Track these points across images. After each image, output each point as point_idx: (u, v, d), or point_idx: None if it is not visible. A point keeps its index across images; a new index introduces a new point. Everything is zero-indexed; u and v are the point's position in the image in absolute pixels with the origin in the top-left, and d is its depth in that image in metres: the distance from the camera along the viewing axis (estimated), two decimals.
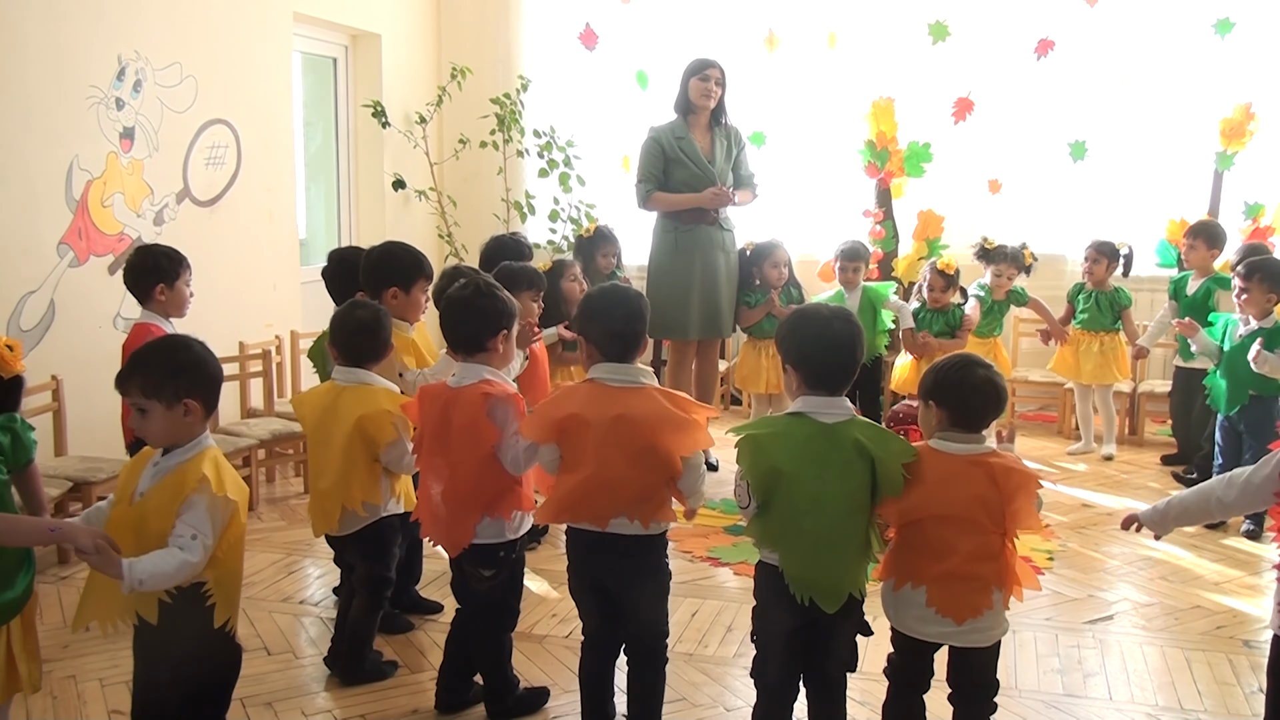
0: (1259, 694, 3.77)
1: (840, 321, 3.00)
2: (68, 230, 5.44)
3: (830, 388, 2.95)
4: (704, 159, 6.29)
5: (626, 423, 3.07)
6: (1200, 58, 7.53)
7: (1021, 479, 2.90)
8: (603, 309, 3.24)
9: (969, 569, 2.91)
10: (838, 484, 2.88)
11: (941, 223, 7.80)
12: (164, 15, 5.98)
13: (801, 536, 2.90)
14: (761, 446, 2.90)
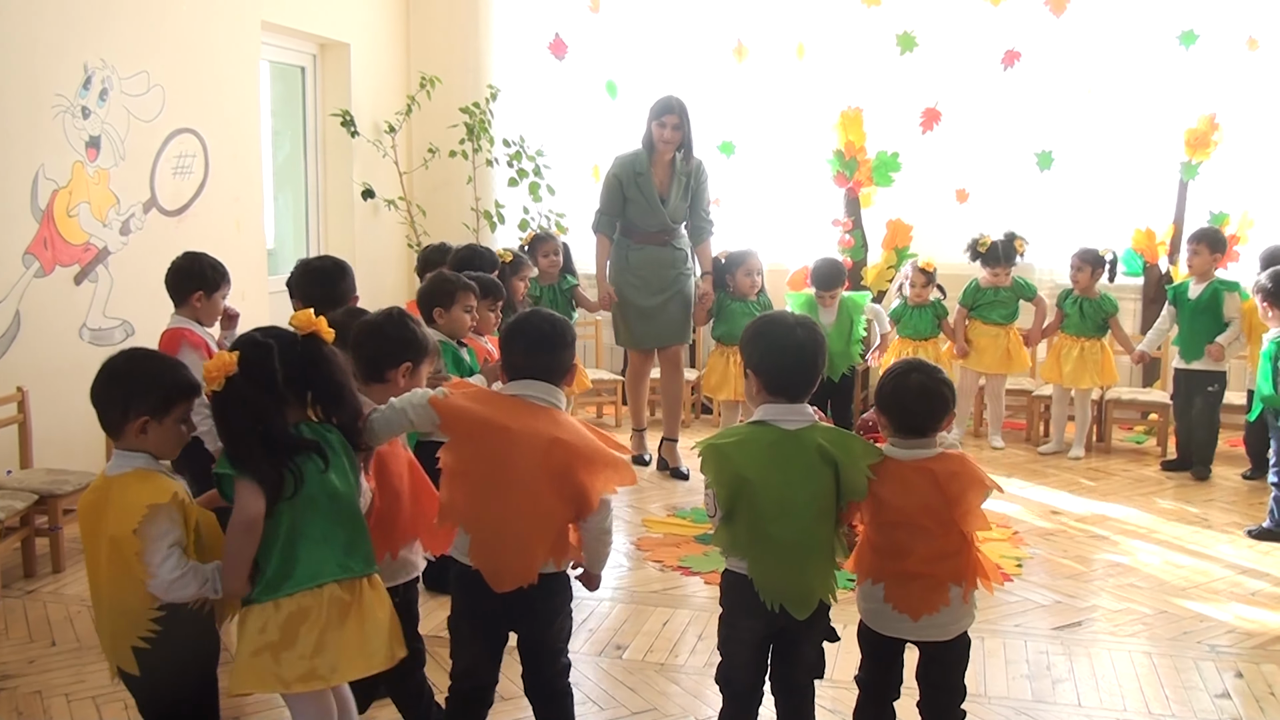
0: (1225, 698, 3.80)
1: (803, 329, 3.01)
2: (33, 240, 5.40)
3: (792, 395, 2.96)
4: (657, 198, 6.42)
5: (562, 448, 2.90)
6: (1165, 69, 7.61)
7: (967, 482, 2.93)
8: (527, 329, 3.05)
9: (924, 569, 2.95)
10: (802, 490, 2.89)
11: (910, 232, 7.85)
12: (131, 23, 5.94)
13: (769, 544, 2.90)
14: (726, 455, 2.90)
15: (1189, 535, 5.56)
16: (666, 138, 6.31)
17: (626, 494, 6.15)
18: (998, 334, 7.06)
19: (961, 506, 2.91)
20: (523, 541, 2.91)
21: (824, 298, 6.59)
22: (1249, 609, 4.61)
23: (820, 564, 2.96)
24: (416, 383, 3.30)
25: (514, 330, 3.09)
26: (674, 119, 6.30)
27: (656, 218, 6.45)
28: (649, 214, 6.45)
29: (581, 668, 4.00)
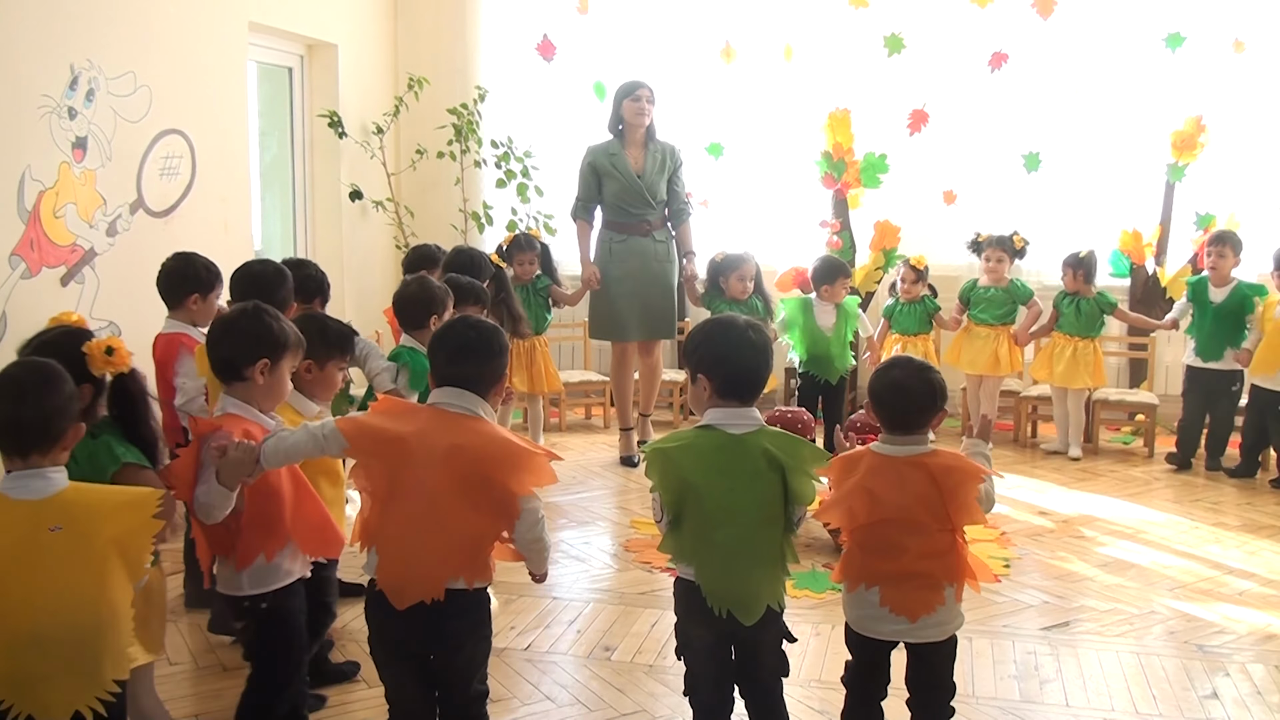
0: (1213, 698, 3.82)
1: (755, 331, 2.99)
2: (19, 241, 5.37)
3: (743, 397, 2.93)
4: (633, 173, 6.64)
5: (461, 453, 2.81)
6: (1152, 71, 7.63)
7: (961, 475, 2.94)
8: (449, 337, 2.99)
9: (919, 567, 2.96)
10: (748, 495, 2.86)
11: (898, 233, 7.85)
12: (118, 24, 5.92)
13: (715, 549, 2.87)
14: (670, 459, 2.88)
15: (1176, 535, 5.58)
16: (641, 109, 6.58)
17: (614, 496, 6.15)
18: (989, 335, 7.08)
19: (958, 499, 2.92)
20: (424, 555, 2.81)
21: (827, 292, 6.60)
22: (1236, 609, 4.62)
23: (767, 570, 2.92)
24: (279, 380, 3.18)
25: (438, 337, 3.02)
26: (646, 92, 6.61)
27: (635, 191, 6.64)
28: (628, 191, 6.65)
29: (570, 669, 4.00)
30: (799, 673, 3.94)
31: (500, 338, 3.01)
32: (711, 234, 8.10)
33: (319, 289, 4.75)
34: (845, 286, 6.68)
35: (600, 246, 6.81)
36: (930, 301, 7.27)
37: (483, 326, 3.02)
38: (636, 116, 6.60)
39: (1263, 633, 4.38)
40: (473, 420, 2.87)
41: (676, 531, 2.93)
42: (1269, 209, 7.47)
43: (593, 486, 6.33)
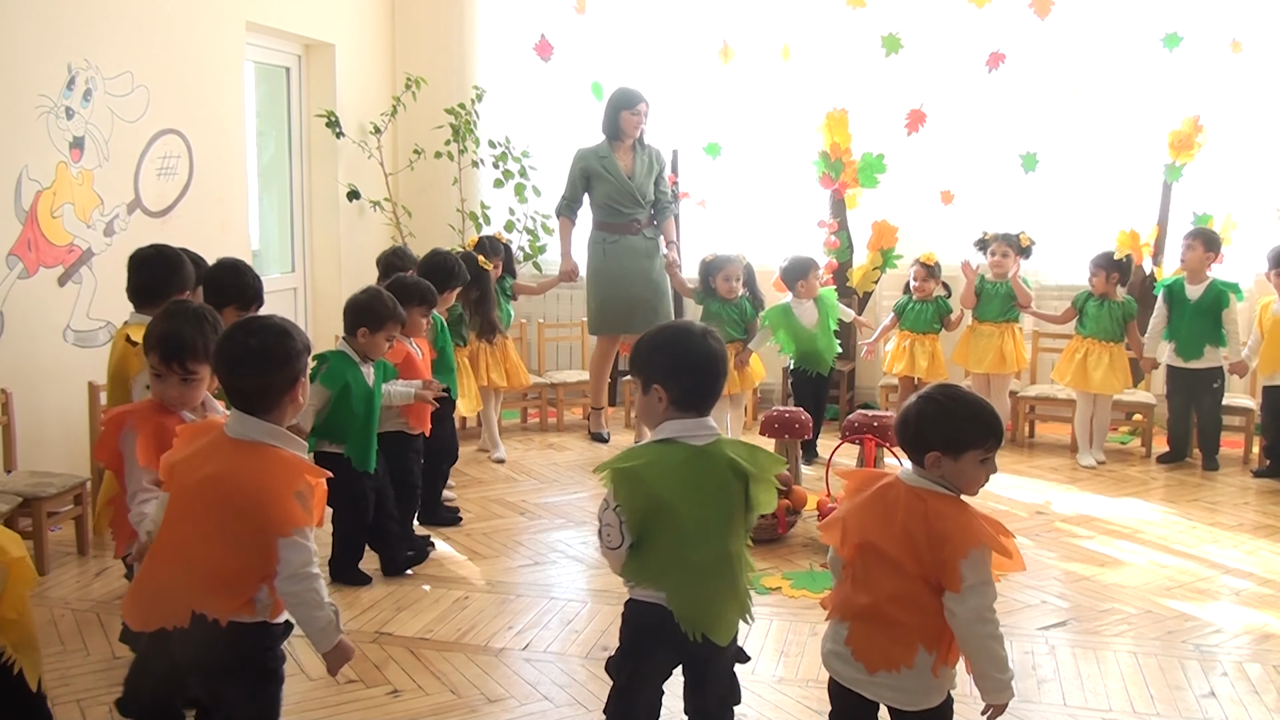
0: (1210, 697, 3.82)
1: (712, 338, 2.86)
2: (17, 241, 5.37)
3: (701, 408, 2.83)
4: (624, 175, 7.06)
5: (212, 485, 2.66)
6: (1149, 71, 7.63)
7: (953, 529, 2.62)
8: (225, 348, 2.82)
9: (890, 611, 2.67)
10: (717, 508, 2.79)
11: (895, 233, 7.86)
12: (115, 24, 5.92)
13: (689, 569, 2.77)
14: (640, 478, 2.73)
15: (1174, 535, 5.58)
16: (639, 122, 7.02)
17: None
18: (994, 333, 7.08)
19: (940, 553, 2.60)
20: (163, 582, 2.72)
21: (803, 288, 6.78)
22: (1234, 608, 4.63)
23: (739, 583, 2.85)
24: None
25: (217, 347, 2.84)
26: (644, 106, 7.03)
27: (626, 193, 7.05)
28: (619, 191, 7.06)
29: (567, 669, 4.00)
30: (798, 672, 3.95)
31: (288, 341, 2.78)
32: (711, 234, 8.12)
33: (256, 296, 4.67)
34: (818, 278, 6.90)
35: (594, 246, 7.18)
36: (944, 302, 7.26)
37: (266, 332, 2.78)
38: (633, 128, 7.03)
39: (1260, 632, 4.39)
40: (246, 448, 2.71)
41: (643, 554, 2.79)
42: (1266, 209, 7.47)
43: (590, 486, 6.32)
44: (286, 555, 2.66)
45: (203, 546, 2.67)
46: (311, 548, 2.71)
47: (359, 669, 3.98)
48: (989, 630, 2.63)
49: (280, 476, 2.69)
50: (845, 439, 5.73)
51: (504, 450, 7.01)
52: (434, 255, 5.82)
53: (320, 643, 2.76)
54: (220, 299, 4.38)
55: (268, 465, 2.70)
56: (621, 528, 2.76)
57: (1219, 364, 6.66)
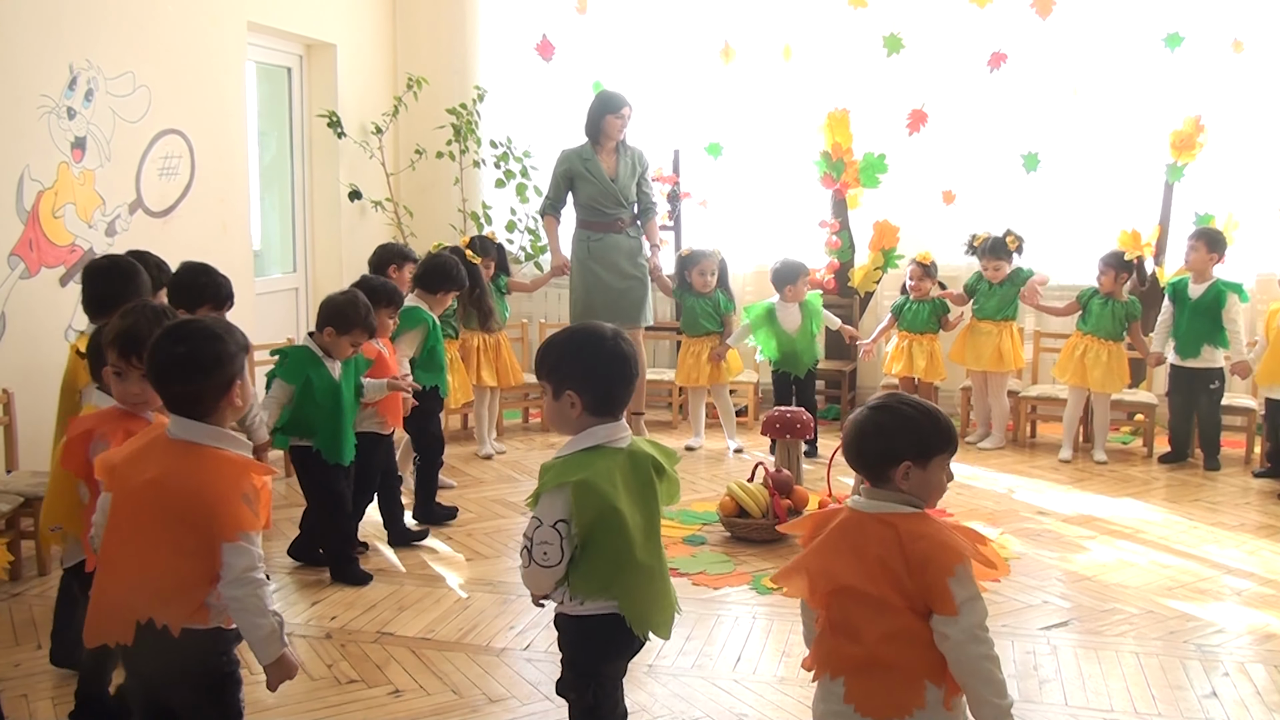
0: (1212, 697, 3.82)
1: (622, 340, 2.81)
2: (18, 241, 5.37)
3: (615, 412, 2.78)
4: (607, 177, 7.17)
5: (155, 488, 2.61)
6: (1151, 71, 7.63)
7: (931, 549, 2.42)
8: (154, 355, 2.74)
9: (885, 654, 2.44)
10: (654, 509, 2.81)
11: (897, 233, 7.87)
12: (117, 24, 5.92)
13: (638, 572, 2.76)
14: (595, 488, 2.67)
15: (1175, 535, 5.58)
16: (622, 126, 7.14)
17: None
18: (993, 331, 7.08)
19: (924, 577, 2.40)
20: (109, 593, 2.67)
21: (790, 292, 6.93)
22: (1236, 608, 4.62)
23: (669, 579, 2.92)
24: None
25: (147, 359, 2.76)
26: (628, 110, 7.14)
27: (609, 195, 7.17)
28: (603, 193, 7.17)
29: None
30: (798, 673, 3.94)
31: (219, 346, 2.71)
32: (711, 234, 8.12)
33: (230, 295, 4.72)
34: (806, 284, 7.03)
35: (579, 245, 7.30)
36: (940, 302, 7.30)
37: (195, 338, 2.71)
38: (617, 132, 7.15)
39: (1262, 632, 4.38)
40: (189, 450, 2.66)
41: (589, 565, 2.73)
42: (1268, 209, 7.47)
43: None
44: (230, 559, 2.61)
45: (151, 554, 2.62)
46: (257, 552, 2.66)
47: (361, 669, 3.99)
48: (984, 650, 2.42)
49: (226, 478, 2.64)
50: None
51: (490, 447, 7.07)
52: (435, 258, 5.86)
53: (262, 654, 2.69)
54: (195, 300, 4.41)
55: (212, 467, 2.65)
56: (563, 543, 2.69)
57: (1217, 365, 6.66)
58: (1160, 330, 6.88)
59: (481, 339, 6.89)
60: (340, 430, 4.78)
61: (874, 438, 2.52)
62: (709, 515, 5.67)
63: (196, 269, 4.68)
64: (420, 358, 5.59)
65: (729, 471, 6.58)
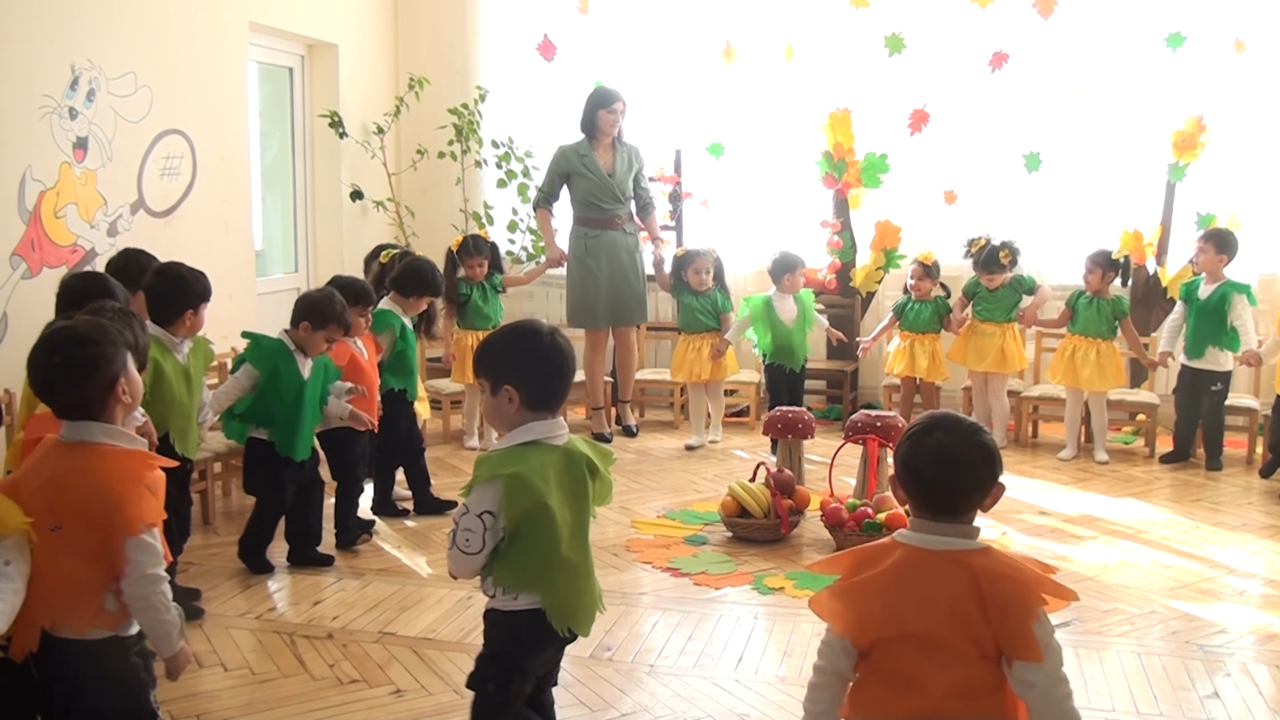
0: (1214, 698, 3.81)
1: (559, 336, 2.83)
2: (20, 241, 5.38)
3: (552, 407, 2.81)
4: (604, 173, 7.23)
5: (53, 488, 2.57)
6: (1152, 70, 7.62)
7: (1014, 590, 2.24)
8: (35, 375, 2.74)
9: (954, 709, 2.24)
10: (580, 506, 2.83)
11: (899, 233, 7.87)
12: (118, 24, 5.92)
13: (565, 568, 2.78)
14: (527, 483, 2.68)
15: (1178, 535, 5.57)
16: (615, 120, 7.19)
17: (615, 495, 6.13)
18: (995, 333, 7.08)
19: (1008, 622, 2.20)
20: (26, 602, 2.57)
21: (788, 282, 7.07)
22: (1238, 609, 4.62)
23: (595, 577, 2.94)
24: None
25: (27, 374, 2.73)
26: (621, 105, 7.21)
27: (607, 190, 7.22)
28: (599, 188, 7.23)
29: (571, 669, 4.00)
30: (800, 673, 3.94)
31: (93, 349, 2.68)
32: (713, 234, 8.12)
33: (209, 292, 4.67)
34: (802, 275, 7.17)
35: (576, 242, 7.35)
36: (942, 302, 7.33)
37: (68, 345, 2.68)
38: (610, 127, 7.21)
39: (1264, 632, 4.38)
40: (82, 450, 2.63)
41: (511, 559, 2.75)
42: (1270, 209, 7.47)
43: None
44: (135, 556, 2.60)
45: (50, 560, 2.58)
46: (159, 547, 2.66)
47: (363, 669, 3.99)
48: (1067, 691, 2.24)
49: (125, 471, 2.64)
50: (849, 439, 5.74)
51: (478, 440, 7.17)
52: (413, 261, 5.96)
53: (163, 648, 2.73)
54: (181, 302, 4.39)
55: (108, 462, 2.63)
56: (485, 534, 2.69)
57: (1223, 369, 6.65)
58: (1169, 330, 6.88)
59: (475, 337, 6.94)
60: (298, 426, 4.86)
61: (977, 468, 2.33)
62: (711, 515, 5.67)
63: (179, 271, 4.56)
64: (389, 361, 5.65)
65: (731, 471, 6.58)
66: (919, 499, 2.35)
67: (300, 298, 4.93)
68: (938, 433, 2.34)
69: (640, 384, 7.90)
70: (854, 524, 5.16)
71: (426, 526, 5.63)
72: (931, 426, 2.36)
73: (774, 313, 7.04)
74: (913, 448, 2.35)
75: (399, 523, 5.68)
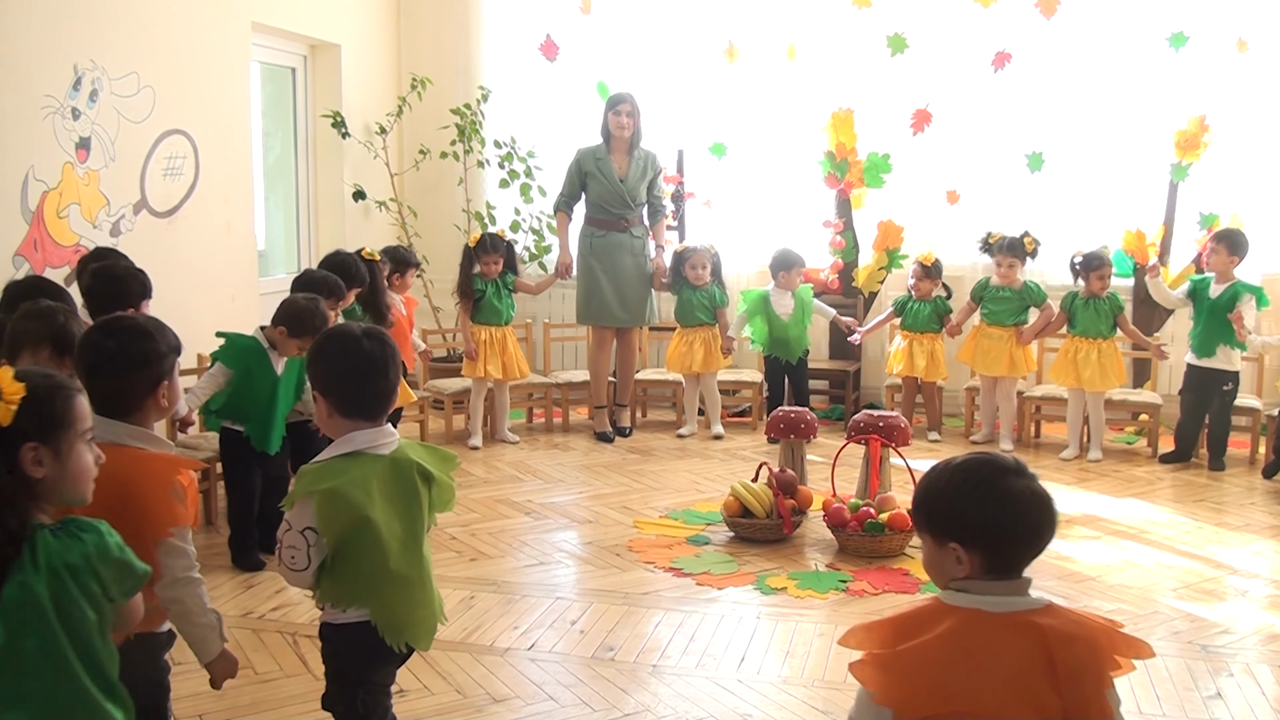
0: (1217, 699, 3.81)
1: (371, 340, 2.71)
2: (23, 242, 5.38)
3: (369, 415, 2.69)
4: (617, 177, 7.31)
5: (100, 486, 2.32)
6: (1155, 70, 7.62)
7: (1087, 654, 2.00)
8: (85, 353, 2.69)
9: None
10: (416, 517, 2.73)
11: (901, 233, 7.87)
12: (121, 25, 5.93)
13: (394, 581, 2.68)
14: (344, 497, 2.59)
15: (1180, 535, 5.57)
16: (622, 123, 7.24)
17: (616, 496, 6.15)
18: (1003, 336, 7.07)
19: (1082, 690, 1.97)
20: None
21: (784, 279, 7.37)
22: (1241, 609, 4.62)
23: (433, 590, 2.83)
24: None
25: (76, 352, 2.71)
26: (627, 107, 7.26)
27: (617, 195, 7.31)
28: (610, 192, 7.31)
29: (574, 669, 4.00)
30: (802, 673, 3.94)
31: (149, 344, 2.68)
32: (715, 234, 8.12)
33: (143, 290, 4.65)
34: (800, 274, 7.43)
35: (583, 241, 7.45)
36: (942, 302, 7.36)
37: (126, 333, 2.67)
38: (619, 129, 7.27)
39: (1267, 633, 4.38)
40: (112, 451, 2.46)
41: (341, 572, 2.66)
42: (1273, 208, 7.46)
43: (596, 486, 6.33)
44: (165, 560, 2.56)
45: None
46: (190, 550, 2.63)
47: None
48: None
49: (154, 474, 2.59)
50: (851, 439, 5.74)
51: (479, 439, 7.20)
52: (334, 256, 5.99)
53: (204, 652, 2.68)
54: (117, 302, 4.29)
55: (138, 465, 2.59)
56: (309, 551, 2.60)
57: (1233, 368, 6.65)
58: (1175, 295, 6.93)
59: (489, 332, 7.12)
60: (272, 421, 4.96)
61: (1054, 511, 2.09)
62: (713, 515, 5.67)
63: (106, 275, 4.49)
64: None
65: (733, 471, 6.58)
66: (992, 556, 2.03)
67: (287, 301, 4.94)
68: (1009, 477, 2.05)
69: (642, 384, 7.92)
70: (856, 524, 5.16)
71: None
72: (1000, 469, 2.06)
73: (770, 307, 7.35)
74: (985, 499, 2.03)
75: None
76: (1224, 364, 6.64)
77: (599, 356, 7.55)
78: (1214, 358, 6.65)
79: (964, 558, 2.02)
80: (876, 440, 5.59)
